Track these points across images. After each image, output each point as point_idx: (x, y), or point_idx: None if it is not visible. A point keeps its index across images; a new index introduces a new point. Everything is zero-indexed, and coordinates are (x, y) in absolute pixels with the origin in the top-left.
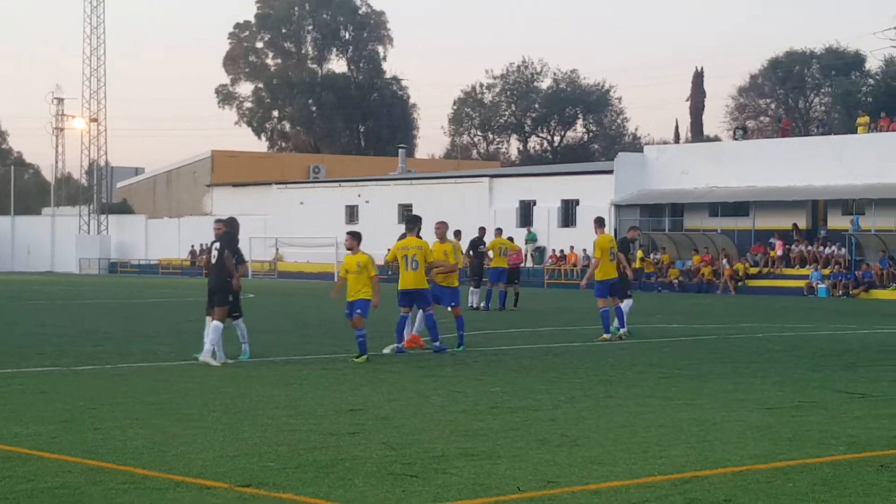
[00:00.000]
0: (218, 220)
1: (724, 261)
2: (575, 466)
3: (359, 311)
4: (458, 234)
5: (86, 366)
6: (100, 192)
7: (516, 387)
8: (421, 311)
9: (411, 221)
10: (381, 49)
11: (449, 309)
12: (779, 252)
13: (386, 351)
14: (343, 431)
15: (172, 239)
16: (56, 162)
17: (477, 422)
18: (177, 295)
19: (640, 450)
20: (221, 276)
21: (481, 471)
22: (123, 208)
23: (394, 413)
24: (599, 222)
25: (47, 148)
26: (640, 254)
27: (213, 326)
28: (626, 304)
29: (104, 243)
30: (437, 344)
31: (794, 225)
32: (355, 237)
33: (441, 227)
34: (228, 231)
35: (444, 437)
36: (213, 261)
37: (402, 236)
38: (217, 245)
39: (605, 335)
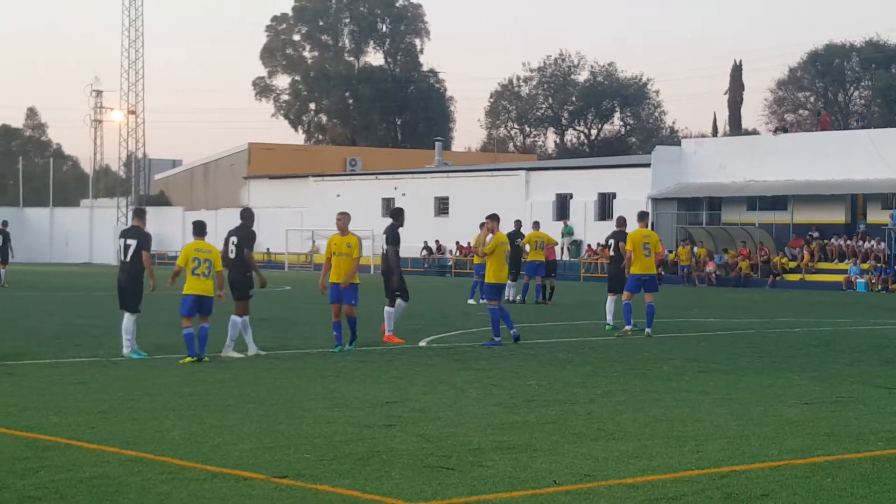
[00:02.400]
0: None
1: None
2: (611, 460)
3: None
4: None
5: (123, 357)
6: (138, 184)
7: (552, 380)
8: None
9: (495, 218)
10: (418, 42)
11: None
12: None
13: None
14: (379, 424)
15: (209, 231)
16: (94, 154)
17: (513, 415)
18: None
19: (677, 444)
20: (240, 270)
21: (518, 464)
22: (161, 200)
23: (430, 406)
24: (640, 216)
25: (86, 140)
26: (683, 249)
27: (232, 321)
28: (611, 301)
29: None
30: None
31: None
32: (197, 227)
33: (343, 219)
34: (245, 223)
35: (481, 430)
36: (231, 255)
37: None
38: (234, 239)
39: (627, 327)
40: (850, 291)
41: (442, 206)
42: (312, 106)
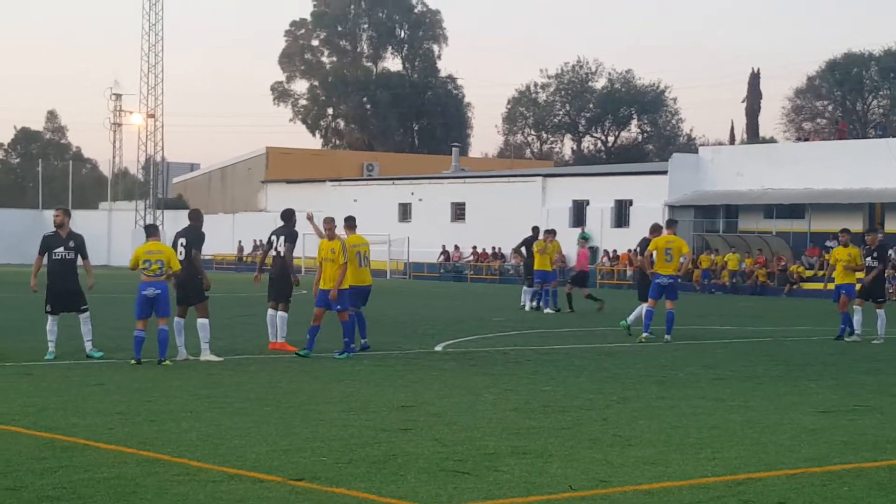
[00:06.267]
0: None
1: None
2: (627, 466)
3: None
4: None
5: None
6: (156, 187)
7: (568, 386)
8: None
9: (351, 219)
10: (435, 48)
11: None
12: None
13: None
14: (395, 427)
15: (227, 234)
16: (113, 157)
17: (529, 420)
18: (229, 290)
19: (693, 451)
20: (190, 272)
21: (533, 469)
22: (179, 203)
23: (445, 410)
24: (668, 223)
25: (105, 143)
26: (731, 256)
27: (200, 324)
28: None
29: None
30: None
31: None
32: (149, 229)
33: (329, 224)
34: (194, 224)
35: (496, 434)
36: (181, 256)
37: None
38: (183, 241)
39: (644, 334)
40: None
41: (458, 212)
42: (330, 111)
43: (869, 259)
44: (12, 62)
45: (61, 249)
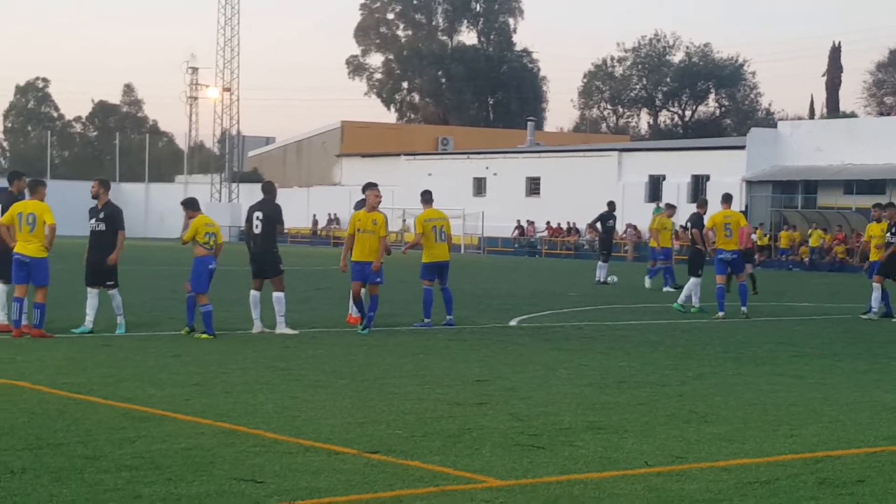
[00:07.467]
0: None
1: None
2: (703, 443)
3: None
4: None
5: (216, 331)
6: (231, 160)
7: (643, 362)
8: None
9: (428, 193)
10: (511, 21)
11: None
12: None
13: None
14: (470, 402)
15: (302, 208)
16: (189, 131)
17: (604, 395)
18: (305, 263)
19: (771, 428)
20: (266, 246)
21: (608, 444)
22: (254, 177)
23: (520, 385)
24: (724, 198)
25: (181, 116)
26: (815, 232)
27: (276, 298)
28: (692, 283)
29: (235, 211)
30: (429, 320)
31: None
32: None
33: (377, 194)
34: (268, 197)
35: (571, 409)
36: (256, 231)
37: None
38: (259, 214)
39: (720, 313)
40: None
41: (533, 187)
42: (405, 85)
43: (889, 235)
44: (90, 36)
45: (93, 221)
